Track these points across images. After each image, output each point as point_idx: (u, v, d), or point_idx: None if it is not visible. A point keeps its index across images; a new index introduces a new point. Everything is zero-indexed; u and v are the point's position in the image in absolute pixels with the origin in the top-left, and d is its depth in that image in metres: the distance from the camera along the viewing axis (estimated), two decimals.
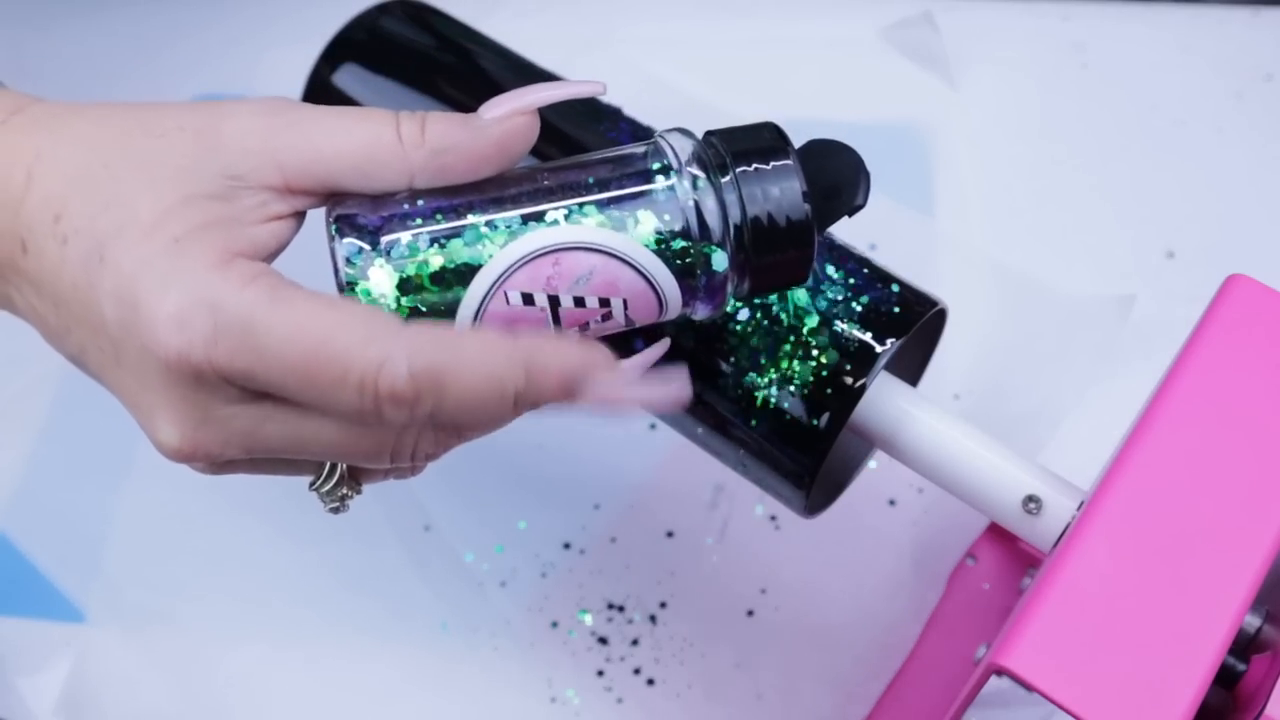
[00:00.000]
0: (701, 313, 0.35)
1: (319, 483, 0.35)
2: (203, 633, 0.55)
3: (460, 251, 0.32)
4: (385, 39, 0.49)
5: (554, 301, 0.33)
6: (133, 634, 0.55)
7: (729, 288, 0.35)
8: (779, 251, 0.34)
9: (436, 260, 0.32)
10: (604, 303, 0.33)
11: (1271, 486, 0.34)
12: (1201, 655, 0.32)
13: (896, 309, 0.40)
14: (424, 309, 0.32)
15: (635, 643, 0.54)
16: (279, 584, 0.56)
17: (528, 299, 0.32)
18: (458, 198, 0.33)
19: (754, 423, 0.41)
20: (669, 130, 0.35)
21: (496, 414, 0.31)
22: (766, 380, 0.40)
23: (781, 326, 0.40)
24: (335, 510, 0.35)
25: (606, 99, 0.48)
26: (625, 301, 0.33)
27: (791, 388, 0.40)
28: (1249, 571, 0.33)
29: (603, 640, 0.54)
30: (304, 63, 0.49)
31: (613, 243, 0.33)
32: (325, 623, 0.55)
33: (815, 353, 0.40)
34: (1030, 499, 0.39)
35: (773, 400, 0.40)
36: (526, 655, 0.54)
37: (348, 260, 0.32)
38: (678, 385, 0.33)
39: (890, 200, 0.64)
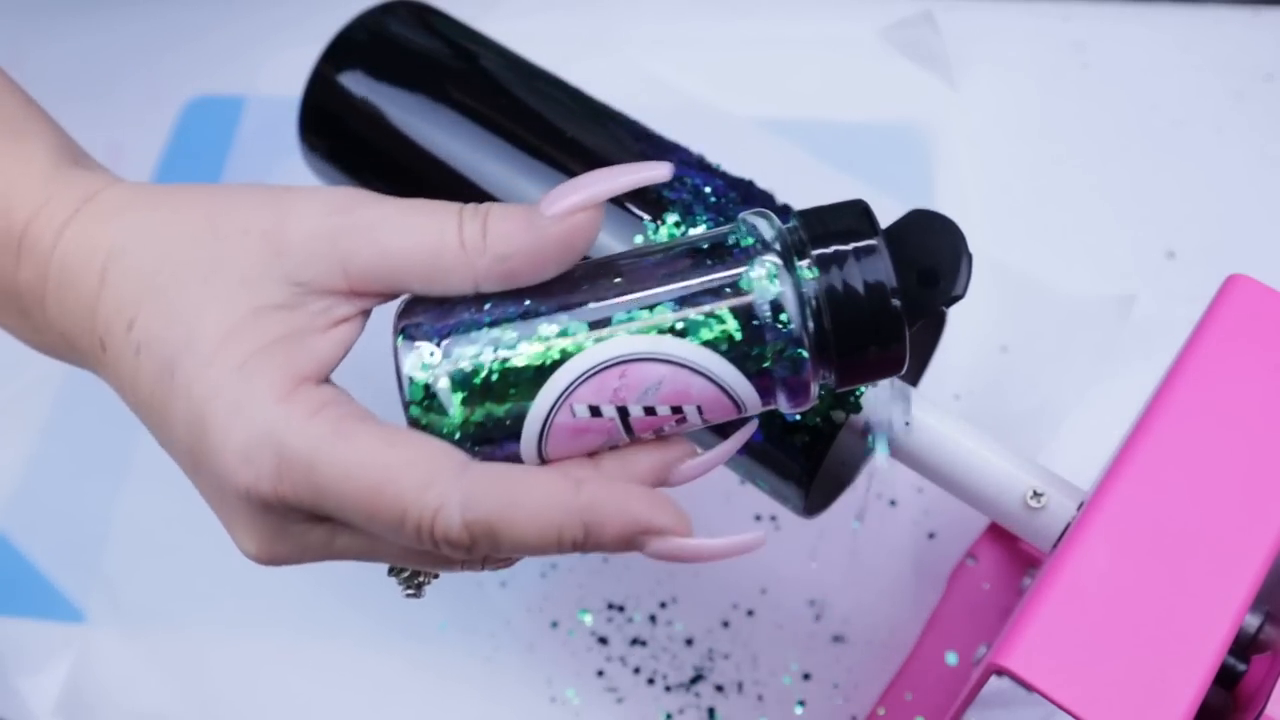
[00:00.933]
0: (787, 409, 0.33)
1: (395, 570, 0.35)
2: (203, 633, 0.55)
3: (525, 365, 0.31)
4: (387, 39, 0.49)
5: (623, 412, 0.31)
6: (133, 634, 0.55)
7: (814, 387, 0.32)
8: (865, 348, 0.31)
9: (501, 373, 0.31)
10: (676, 409, 0.32)
11: (1271, 487, 0.34)
12: (1201, 655, 0.32)
13: None
14: (489, 423, 0.31)
15: (635, 643, 0.54)
16: (279, 584, 0.56)
17: (594, 411, 0.31)
18: (522, 301, 0.32)
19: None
20: (749, 214, 0.33)
21: (553, 554, 0.31)
22: None
23: None
24: (413, 596, 0.35)
25: (604, 100, 0.48)
26: (699, 408, 0.32)
27: None
28: (1249, 571, 0.33)
29: (603, 640, 0.54)
30: (305, 64, 0.49)
31: (679, 352, 0.31)
32: (325, 622, 0.55)
33: None
34: (1035, 493, 0.39)
35: None
36: (526, 655, 0.54)
37: (411, 379, 0.31)
38: (746, 541, 0.32)
39: (890, 200, 0.64)
